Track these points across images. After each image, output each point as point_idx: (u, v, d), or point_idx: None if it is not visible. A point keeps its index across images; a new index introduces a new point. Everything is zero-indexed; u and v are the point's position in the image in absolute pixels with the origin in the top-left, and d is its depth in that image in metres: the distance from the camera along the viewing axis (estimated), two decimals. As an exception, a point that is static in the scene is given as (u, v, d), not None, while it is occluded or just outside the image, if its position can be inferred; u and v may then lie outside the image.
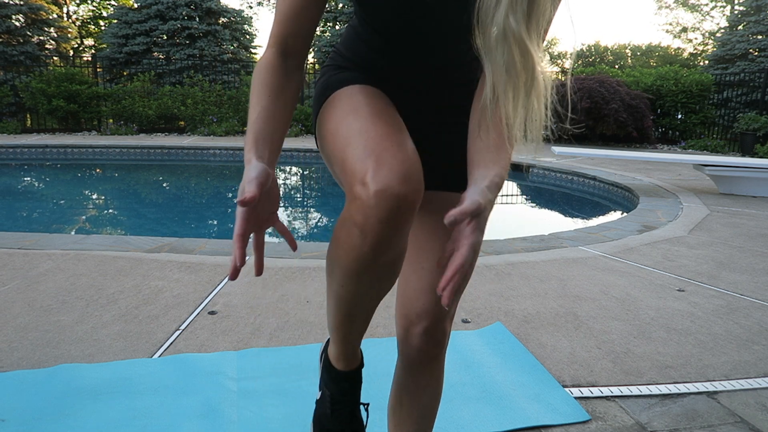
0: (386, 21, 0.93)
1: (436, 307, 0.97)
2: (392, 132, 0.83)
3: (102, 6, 23.95)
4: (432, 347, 0.99)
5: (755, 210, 5.12)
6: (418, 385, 1.04)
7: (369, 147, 0.79)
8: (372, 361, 1.94)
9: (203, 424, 1.55)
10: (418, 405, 1.06)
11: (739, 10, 14.96)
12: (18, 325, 2.17)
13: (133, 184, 7.26)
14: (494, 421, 1.60)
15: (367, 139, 0.81)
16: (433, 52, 0.96)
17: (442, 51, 0.97)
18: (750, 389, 1.84)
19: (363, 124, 0.85)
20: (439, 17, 0.91)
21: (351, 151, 0.81)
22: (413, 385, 1.04)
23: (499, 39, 0.74)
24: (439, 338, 0.99)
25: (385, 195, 0.74)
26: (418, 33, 0.94)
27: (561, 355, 2.06)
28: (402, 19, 0.92)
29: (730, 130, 12.24)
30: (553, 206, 6.44)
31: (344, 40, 1.04)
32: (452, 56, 0.98)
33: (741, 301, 2.68)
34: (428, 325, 0.97)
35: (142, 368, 1.85)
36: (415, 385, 1.04)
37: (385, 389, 1.47)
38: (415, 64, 0.98)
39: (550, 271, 3.07)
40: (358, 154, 0.79)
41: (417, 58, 0.97)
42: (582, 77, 11.97)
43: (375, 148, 0.79)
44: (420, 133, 1.02)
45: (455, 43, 0.94)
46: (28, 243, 3.31)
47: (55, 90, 11.73)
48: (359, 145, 0.81)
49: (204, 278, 2.77)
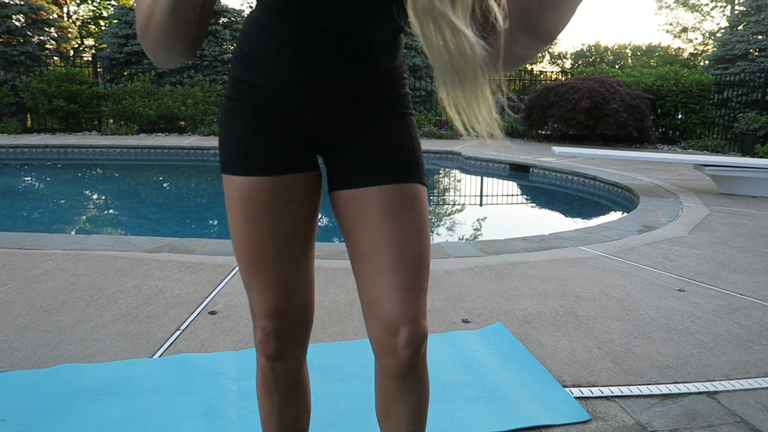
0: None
1: (407, 306, 0.92)
2: (269, 282, 0.98)
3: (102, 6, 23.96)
4: (414, 354, 0.94)
5: (755, 210, 5.12)
6: (403, 393, 0.99)
7: (257, 298, 0.99)
8: (372, 361, 1.94)
9: (203, 424, 1.55)
10: (407, 410, 1.01)
11: (740, 10, 14.96)
12: (18, 325, 2.17)
13: (133, 184, 7.27)
14: (494, 421, 1.60)
15: (256, 288, 0.99)
16: (351, 35, 0.87)
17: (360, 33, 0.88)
18: (750, 389, 1.84)
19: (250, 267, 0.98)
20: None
21: (248, 292, 1.01)
22: (398, 394, 0.99)
23: (429, 20, 0.71)
24: (420, 344, 0.94)
25: (267, 332, 1.00)
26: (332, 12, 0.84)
27: (561, 355, 2.06)
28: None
29: (731, 130, 12.24)
30: (553, 206, 6.44)
31: (245, 36, 0.93)
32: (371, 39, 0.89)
33: (741, 301, 2.68)
34: (408, 333, 0.92)
35: (143, 368, 1.85)
36: (400, 394, 0.99)
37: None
38: (326, 47, 0.87)
39: (551, 271, 3.07)
40: (252, 299, 1.00)
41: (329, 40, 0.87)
42: (582, 77, 11.98)
43: (261, 301, 0.99)
44: (352, 130, 0.95)
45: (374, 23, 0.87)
46: (28, 243, 3.31)
47: (56, 90, 11.73)
48: (251, 290, 0.99)
49: (204, 278, 2.77)
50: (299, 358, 1.06)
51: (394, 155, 0.95)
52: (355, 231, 0.96)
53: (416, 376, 0.98)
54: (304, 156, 0.96)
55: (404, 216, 0.94)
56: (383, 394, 1.01)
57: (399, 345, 0.93)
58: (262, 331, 1.00)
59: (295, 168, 0.95)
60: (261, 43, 0.90)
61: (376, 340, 0.95)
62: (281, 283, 0.98)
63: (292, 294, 1.00)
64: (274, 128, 0.93)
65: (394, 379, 0.97)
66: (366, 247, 0.95)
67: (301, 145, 0.95)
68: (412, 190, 0.95)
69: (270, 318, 0.99)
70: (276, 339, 1.00)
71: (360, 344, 2.08)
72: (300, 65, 0.88)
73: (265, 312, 0.99)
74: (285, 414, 1.07)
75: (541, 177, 7.94)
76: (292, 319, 1.01)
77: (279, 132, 0.93)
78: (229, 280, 2.75)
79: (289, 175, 0.94)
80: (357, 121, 0.94)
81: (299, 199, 0.96)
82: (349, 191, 0.95)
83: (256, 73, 0.91)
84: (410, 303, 0.92)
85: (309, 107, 0.92)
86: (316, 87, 0.90)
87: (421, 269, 0.94)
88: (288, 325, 1.00)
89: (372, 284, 0.94)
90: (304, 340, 1.05)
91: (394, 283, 0.92)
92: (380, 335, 0.94)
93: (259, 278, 0.97)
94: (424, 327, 0.94)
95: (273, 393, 1.05)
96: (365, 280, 0.95)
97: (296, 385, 1.07)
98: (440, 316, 2.40)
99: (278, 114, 0.93)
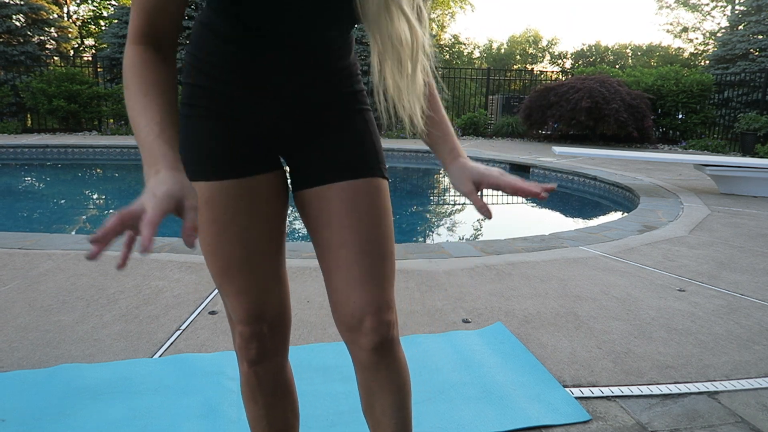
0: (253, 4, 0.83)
1: (371, 297, 0.93)
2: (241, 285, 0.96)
3: (102, 6, 23.97)
4: (382, 344, 0.95)
5: (756, 210, 5.11)
6: (382, 384, 1.00)
7: (232, 303, 0.98)
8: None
9: (204, 424, 1.55)
10: (389, 402, 1.02)
11: (740, 9, 14.96)
12: (18, 325, 2.17)
13: (133, 183, 7.27)
14: (495, 421, 1.60)
15: (229, 293, 0.97)
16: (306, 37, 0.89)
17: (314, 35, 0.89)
18: (751, 389, 1.84)
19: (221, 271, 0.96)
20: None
21: (222, 297, 1.00)
22: (377, 385, 1.00)
23: (382, 10, 0.79)
24: (385, 333, 0.95)
25: (245, 336, 0.99)
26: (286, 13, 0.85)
27: (561, 355, 2.06)
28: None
29: (731, 130, 12.23)
30: (553, 206, 6.44)
31: (197, 42, 0.92)
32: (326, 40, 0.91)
33: (741, 301, 2.68)
34: (373, 323, 0.93)
35: (143, 368, 1.85)
36: (379, 385, 1.00)
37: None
38: (281, 49, 0.88)
39: (551, 271, 3.07)
40: (228, 305, 0.99)
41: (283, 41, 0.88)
42: (583, 77, 11.98)
43: (236, 305, 0.97)
44: (312, 128, 0.96)
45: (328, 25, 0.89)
46: (28, 243, 3.31)
47: (56, 90, 11.73)
48: (225, 296, 0.98)
49: (204, 278, 2.77)
50: (281, 359, 1.05)
51: (354, 151, 0.97)
52: (319, 228, 0.97)
53: (389, 366, 0.98)
54: (266, 156, 0.96)
55: (367, 210, 0.95)
56: (363, 388, 1.03)
57: (364, 334, 0.94)
58: (240, 337, 1.00)
59: (259, 169, 0.95)
60: (215, 47, 0.89)
61: (344, 332, 0.97)
62: (255, 287, 0.97)
63: (267, 296, 0.99)
64: (234, 131, 0.93)
65: (369, 371, 0.98)
66: (330, 242, 0.96)
67: (262, 147, 0.95)
68: (373, 184, 0.97)
69: (247, 323, 0.98)
70: (256, 343, 1.00)
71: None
72: (256, 68, 0.89)
73: (243, 317, 0.98)
74: (273, 416, 1.07)
75: (541, 177, 7.94)
76: (269, 322, 1.00)
77: (239, 135, 0.93)
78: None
79: (253, 176, 0.94)
80: (316, 119, 0.96)
81: (266, 200, 0.96)
82: (312, 189, 0.97)
83: (211, 78, 0.91)
84: (374, 294, 0.93)
85: (267, 109, 0.92)
86: (273, 89, 0.91)
87: (384, 260, 0.96)
88: (266, 329, 1.00)
89: (337, 279, 0.95)
90: (284, 342, 1.05)
91: (357, 277, 0.93)
92: (347, 327, 0.96)
93: (233, 284, 0.96)
94: (389, 316, 0.95)
95: (258, 397, 1.05)
96: (330, 275, 0.97)
97: (280, 386, 1.07)
98: (440, 316, 2.40)
99: (237, 117, 0.92)
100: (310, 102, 0.94)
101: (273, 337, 1.02)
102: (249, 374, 1.03)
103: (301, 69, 0.91)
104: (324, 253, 0.97)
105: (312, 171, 0.97)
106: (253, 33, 0.86)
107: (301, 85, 0.92)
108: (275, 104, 0.92)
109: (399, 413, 1.03)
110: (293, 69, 0.90)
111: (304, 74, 0.91)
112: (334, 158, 0.96)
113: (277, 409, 1.08)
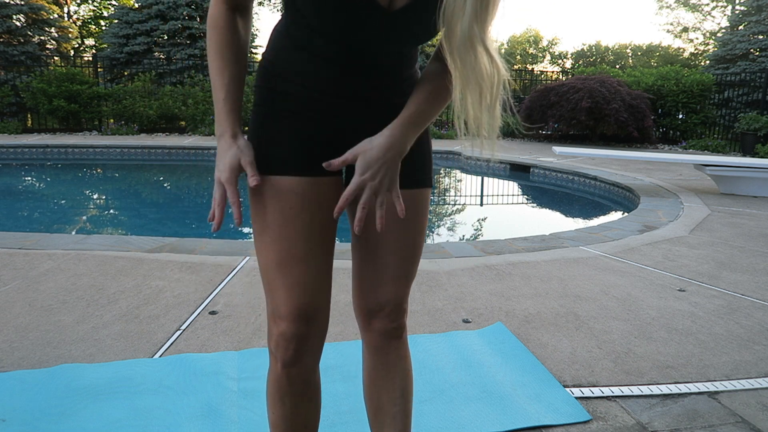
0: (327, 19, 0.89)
1: (395, 297, 1.06)
2: (296, 280, 0.97)
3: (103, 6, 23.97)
4: (394, 327, 1.08)
5: (756, 210, 5.11)
6: (389, 366, 1.10)
7: (280, 298, 0.98)
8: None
9: (204, 424, 1.55)
10: (393, 386, 1.10)
11: (740, 9, 14.95)
12: (19, 325, 2.17)
13: (133, 184, 7.27)
14: (495, 421, 1.60)
15: (280, 288, 0.98)
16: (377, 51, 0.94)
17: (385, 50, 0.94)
18: (751, 389, 1.84)
19: (277, 265, 0.98)
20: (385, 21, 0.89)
21: (270, 293, 1.00)
22: (384, 368, 1.10)
23: (467, 45, 0.82)
24: (399, 319, 1.08)
25: (286, 337, 0.99)
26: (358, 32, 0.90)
27: (562, 355, 2.06)
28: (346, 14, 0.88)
29: (731, 130, 12.23)
30: (554, 206, 6.44)
31: (273, 48, 0.99)
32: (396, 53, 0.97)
33: (742, 301, 2.68)
34: (389, 310, 1.07)
35: (143, 368, 1.85)
36: (386, 368, 1.10)
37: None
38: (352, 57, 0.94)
39: (551, 271, 3.07)
40: (274, 300, 0.99)
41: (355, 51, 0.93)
42: (583, 77, 11.97)
43: (284, 301, 0.98)
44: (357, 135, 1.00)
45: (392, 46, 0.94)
46: (29, 243, 3.31)
47: (56, 90, 11.73)
48: (274, 290, 0.98)
49: (205, 278, 2.77)
50: (314, 363, 1.05)
51: (413, 158, 1.03)
52: (366, 225, 1.04)
53: (398, 351, 1.10)
54: (331, 158, 1.00)
55: (413, 218, 1.05)
56: (369, 374, 1.12)
57: (381, 319, 1.07)
58: (282, 337, 0.99)
59: (326, 171, 0.99)
60: (293, 56, 0.96)
61: (362, 316, 1.09)
62: (309, 282, 0.98)
63: (318, 295, 1.00)
64: (307, 133, 0.98)
65: (379, 353, 1.09)
66: (371, 239, 1.05)
67: (332, 149, 1.00)
68: (424, 194, 1.07)
69: (293, 320, 0.98)
70: (295, 344, 0.99)
71: (360, 344, 2.08)
72: (331, 77, 0.95)
73: (290, 312, 0.98)
74: (296, 418, 1.06)
75: (541, 177, 7.94)
76: (313, 322, 1.00)
77: (311, 137, 0.98)
78: (230, 280, 2.75)
79: (321, 177, 0.99)
80: (383, 123, 0.99)
81: (329, 201, 1.00)
82: None
83: (289, 83, 0.97)
84: (398, 289, 1.06)
85: (339, 113, 0.98)
86: (346, 95, 0.97)
87: (414, 262, 1.08)
88: (308, 330, 1.00)
89: (368, 270, 1.06)
90: (320, 345, 1.05)
91: (389, 273, 1.05)
92: (367, 312, 1.08)
93: (288, 275, 0.97)
94: (404, 305, 1.09)
95: (286, 398, 1.04)
96: (362, 264, 1.07)
97: (309, 389, 1.06)
98: (441, 316, 2.40)
99: (311, 120, 0.98)
100: (379, 107, 0.99)
101: (313, 339, 1.02)
102: (281, 375, 1.02)
103: (371, 78, 0.97)
104: (362, 244, 1.06)
105: None
106: (331, 46, 0.93)
107: (370, 92, 0.98)
108: (345, 110, 0.98)
109: (401, 400, 1.11)
110: (364, 78, 0.96)
111: (374, 82, 0.97)
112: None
113: (302, 413, 1.07)
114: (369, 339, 1.10)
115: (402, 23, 0.89)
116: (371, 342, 1.09)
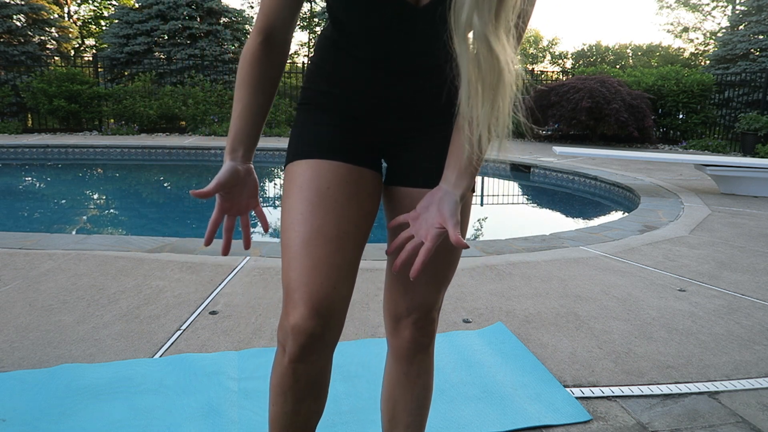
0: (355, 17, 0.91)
1: (425, 302, 1.04)
2: (322, 260, 0.91)
3: (103, 6, 23.98)
4: (421, 336, 1.05)
5: (756, 210, 5.11)
6: (410, 377, 1.08)
7: (299, 280, 0.91)
8: (373, 360, 1.94)
9: (204, 424, 1.55)
10: (411, 397, 1.09)
11: (741, 9, 14.95)
12: (19, 325, 2.17)
13: (134, 184, 7.27)
14: (495, 421, 1.60)
15: (302, 267, 0.91)
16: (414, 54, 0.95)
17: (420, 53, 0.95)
18: (751, 389, 1.84)
19: (303, 241, 0.92)
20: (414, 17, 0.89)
21: (288, 273, 0.93)
22: (405, 378, 1.08)
23: (467, 38, 0.81)
24: (428, 328, 1.05)
25: (298, 329, 0.90)
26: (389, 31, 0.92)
27: (562, 355, 2.06)
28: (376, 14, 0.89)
29: (732, 130, 12.23)
30: (554, 206, 6.44)
31: (319, 51, 1.03)
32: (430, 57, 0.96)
33: (742, 301, 2.68)
34: (418, 316, 1.04)
35: (143, 368, 1.85)
36: (407, 378, 1.08)
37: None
38: (386, 60, 0.96)
39: (552, 271, 3.07)
40: (291, 283, 0.91)
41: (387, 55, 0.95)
42: (583, 77, 11.97)
43: (303, 283, 0.90)
44: (399, 137, 1.03)
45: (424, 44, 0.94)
46: (29, 243, 3.31)
47: (56, 90, 11.74)
48: (295, 270, 0.91)
49: (205, 278, 2.77)
50: (325, 360, 0.97)
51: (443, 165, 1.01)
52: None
53: (422, 363, 1.07)
54: (372, 156, 1.03)
55: None
56: (390, 381, 1.10)
57: (409, 324, 1.04)
58: (293, 329, 0.90)
59: (365, 163, 1.00)
60: (337, 59, 0.99)
61: (391, 320, 1.06)
62: (332, 265, 0.91)
63: (339, 284, 0.92)
64: (348, 128, 1.00)
65: (404, 360, 1.07)
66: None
67: (369, 146, 1.02)
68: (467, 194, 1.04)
69: (308, 309, 0.90)
70: (307, 337, 0.90)
71: (360, 344, 2.08)
72: (372, 79, 0.98)
73: (307, 299, 0.89)
74: (297, 417, 0.99)
75: (541, 177, 7.94)
76: (330, 314, 0.92)
77: (352, 132, 1.00)
78: (230, 280, 2.75)
79: (360, 167, 0.99)
80: (419, 125, 1.02)
81: (365, 192, 0.99)
82: (405, 189, 1.03)
83: (333, 84, 1.00)
84: (432, 294, 1.04)
85: (379, 113, 1.00)
86: (385, 97, 0.99)
87: (450, 267, 1.05)
88: (324, 322, 0.91)
89: (406, 272, 1.03)
90: (334, 341, 0.96)
91: (426, 278, 1.02)
92: (398, 316, 1.05)
93: (312, 255, 0.91)
94: (435, 314, 1.06)
95: (288, 394, 0.96)
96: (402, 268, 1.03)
97: (315, 386, 0.98)
98: (441, 315, 2.40)
99: (350, 116, 1.01)
100: (415, 110, 1.00)
101: (327, 334, 0.93)
102: (287, 369, 0.94)
103: (407, 81, 0.98)
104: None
105: (407, 172, 1.03)
106: (370, 52, 0.95)
107: (407, 94, 0.99)
108: (385, 110, 1.00)
109: (417, 412, 1.09)
110: (402, 80, 0.97)
111: (410, 85, 0.98)
112: (431, 164, 1.01)
113: (304, 411, 0.99)
114: (394, 346, 1.07)
115: (431, 18, 0.89)
116: (396, 349, 1.07)
